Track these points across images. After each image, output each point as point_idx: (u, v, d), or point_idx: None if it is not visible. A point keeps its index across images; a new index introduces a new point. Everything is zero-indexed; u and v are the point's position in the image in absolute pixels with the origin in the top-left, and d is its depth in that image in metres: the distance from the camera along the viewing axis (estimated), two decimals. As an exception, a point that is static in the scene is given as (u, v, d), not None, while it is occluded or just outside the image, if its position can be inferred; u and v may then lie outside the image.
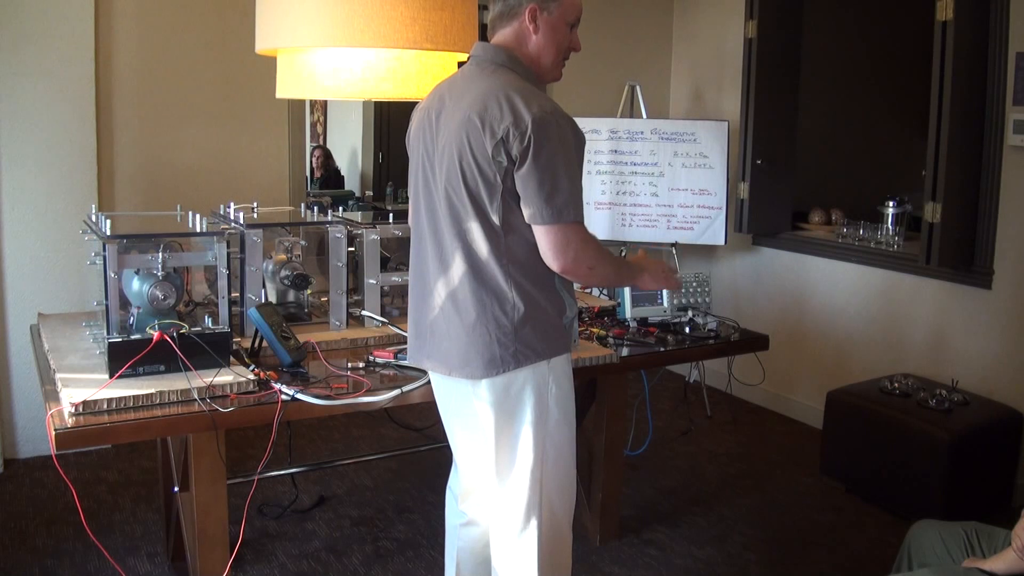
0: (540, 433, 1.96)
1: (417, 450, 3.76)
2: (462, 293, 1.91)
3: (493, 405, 1.94)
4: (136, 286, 2.21)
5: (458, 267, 1.91)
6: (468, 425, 2.04)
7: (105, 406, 1.94)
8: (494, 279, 1.89)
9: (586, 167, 1.94)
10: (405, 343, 2.49)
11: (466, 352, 1.92)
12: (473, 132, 1.84)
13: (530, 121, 1.80)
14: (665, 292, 2.97)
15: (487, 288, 1.90)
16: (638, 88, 4.63)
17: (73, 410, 1.90)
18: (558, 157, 1.83)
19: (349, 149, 6.81)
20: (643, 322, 2.94)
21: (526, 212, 1.86)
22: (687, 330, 2.87)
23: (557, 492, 2.03)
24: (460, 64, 2.68)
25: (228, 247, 2.35)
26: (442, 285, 1.96)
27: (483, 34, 2.09)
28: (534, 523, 1.99)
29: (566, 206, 1.84)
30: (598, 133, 4.41)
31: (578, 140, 1.89)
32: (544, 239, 1.87)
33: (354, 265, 2.71)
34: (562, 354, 1.98)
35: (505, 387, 1.93)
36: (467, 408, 2.02)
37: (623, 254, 4.31)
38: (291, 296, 2.74)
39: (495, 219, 1.87)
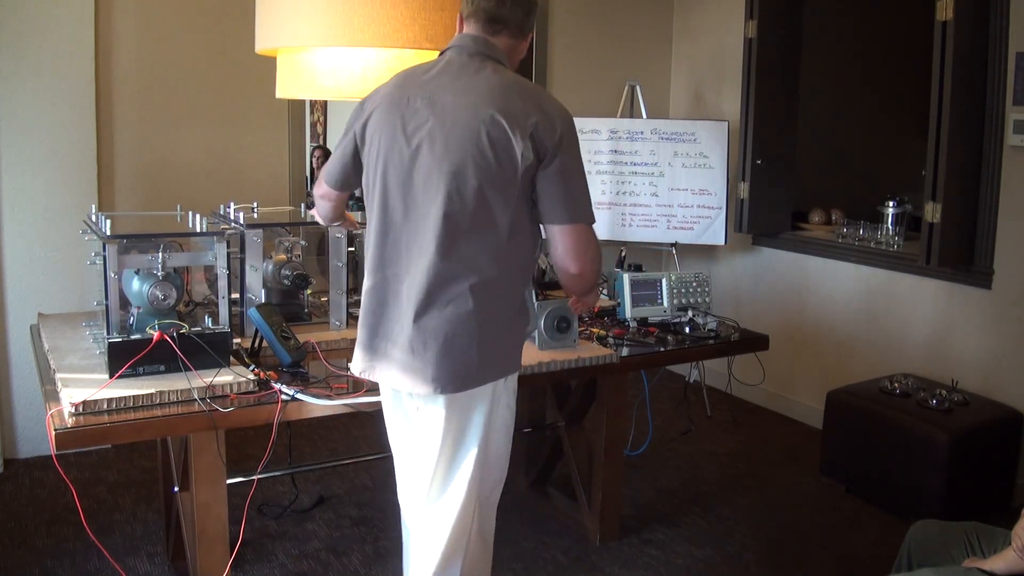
0: (483, 449, 1.90)
1: (417, 450, 3.75)
2: (449, 299, 1.78)
3: (447, 419, 1.85)
4: (136, 286, 2.21)
5: (445, 272, 1.78)
6: (414, 438, 1.95)
7: (105, 406, 1.94)
8: (494, 286, 1.80)
9: (586, 167, 1.94)
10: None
11: (437, 365, 1.79)
12: (495, 129, 1.73)
13: (558, 120, 1.78)
14: (665, 292, 2.97)
15: (485, 296, 1.79)
16: (638, 88, 4.63)
17: (73, 410, 1.90)
18: (579, 158, 1.83)
19: (349, 149, 6.79)
20: (643, 322, 2.94)
21: (549, 213, 1.80)
22: (687, 330, 2.87)
23: (489, 506, 1.99)
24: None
25: (228, 247, 2.35)
26: (419, 290, 1.79)
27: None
28: (464, 540, 1.93)
29: (588, 206, 1.83)
30: (598, 133, 4.41)
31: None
32: (566, 239, 1.83)
33: (354, 265, 2.71)
34: (517, 371, 1.94)
35: (467, 401, 1.85)
36: (416, 420, 1.92)
37: (622, 254, 4.31)
38: (291, 296, 2.74)
39: (502, 221, 1.77)
